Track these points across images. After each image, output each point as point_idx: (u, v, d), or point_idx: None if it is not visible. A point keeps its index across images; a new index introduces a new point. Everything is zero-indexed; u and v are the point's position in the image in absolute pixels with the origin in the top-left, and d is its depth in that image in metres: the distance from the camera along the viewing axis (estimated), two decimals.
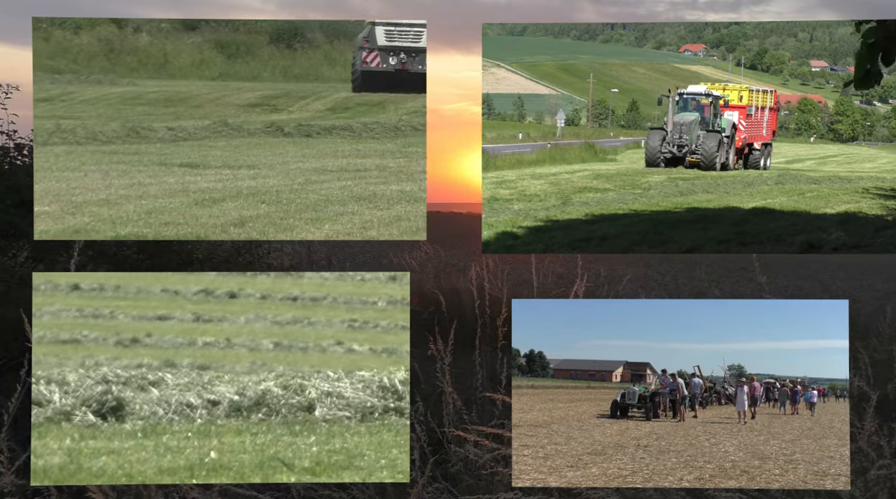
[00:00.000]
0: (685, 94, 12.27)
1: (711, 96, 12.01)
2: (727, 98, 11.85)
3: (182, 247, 9.99)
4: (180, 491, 4.54)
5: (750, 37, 14.62)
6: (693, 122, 11.51)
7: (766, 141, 11.68)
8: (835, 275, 18.44)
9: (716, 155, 11.18)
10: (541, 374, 4.97)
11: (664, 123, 11.67)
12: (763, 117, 11.89)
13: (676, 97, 12.38)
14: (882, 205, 7.63)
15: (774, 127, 12.14)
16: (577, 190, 8.60)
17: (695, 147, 11.21)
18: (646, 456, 4.54)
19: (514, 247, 6.39)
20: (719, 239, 6.53)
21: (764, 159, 11.62)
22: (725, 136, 11.53)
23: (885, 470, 4.52)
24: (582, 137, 12.95)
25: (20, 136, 9.63)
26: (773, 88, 12.05)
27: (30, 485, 4.38)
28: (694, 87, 12.35)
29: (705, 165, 10.98)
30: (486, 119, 12.34)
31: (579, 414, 5.44)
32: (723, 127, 11.67)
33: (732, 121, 11.63)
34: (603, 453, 4.61)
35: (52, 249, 8.79)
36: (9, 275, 8.64)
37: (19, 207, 8.54)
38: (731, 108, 11.85)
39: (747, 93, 11.81)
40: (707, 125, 11.67)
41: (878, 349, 7.44)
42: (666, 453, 4.63)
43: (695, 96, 12.13)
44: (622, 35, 16.53)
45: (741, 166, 11.48)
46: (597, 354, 4.82)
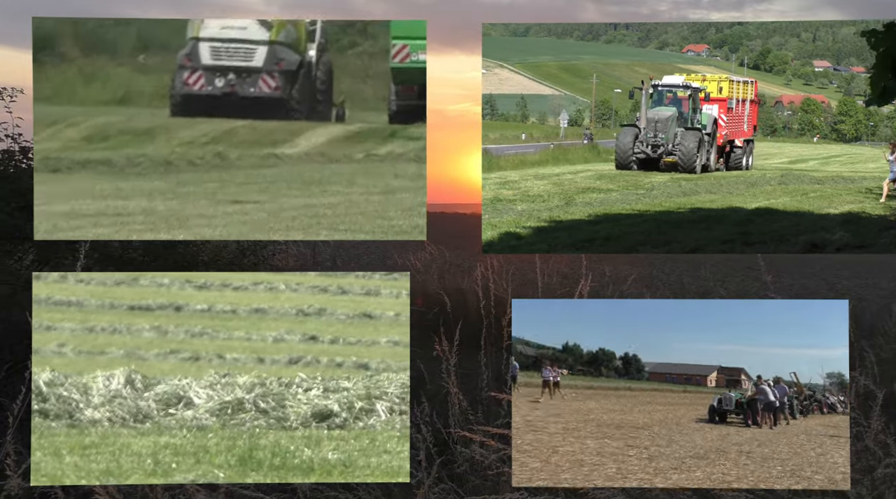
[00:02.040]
0: (660, 86, 11.14)
1: (690, 88, 10.93)
2: (707, 90, 10.92)
3: (187, 249, 10.01)
4: (186, 492, 4.55)
5: (753, 37, 14.60)
6: (669, 119, 10.46)
7: (747, 137, 10.93)
8: (839, 273, 18.40)
9: (695, 155, 10.08)
10: (636, 376, 4.98)
11: (636, 119, 10.69)
12: (744, 111, 11.04)
13: (650, 90, 11.23)
14: (885, 205, 7.63)
15: (755, 121, 11.31)
16: (580, 190, 8.59)
17: (672, 146, 10.16)
18: (750, 463, 4.51)
19: (517, 247, 6.39)
20: (723, 239, 6.53)
21: (746, 158, 10.71)
22: (706, 133, 10.48)
23: (892, 468, 4.52)
24: (584, 137, 12.84)
25: (25, 139, 9.66)
26: (754, 79, 11.49)
27: (31, 485, 4.39)
28: (670, 78, 11.22)
29: (684, 167, 9.98)
30: (490, 119, 12.34)
31: (678, 417, 5.41)
32: (703, 123, 10.62)
33: (713, 116, 10.65)
34: (706, 458, 4.59)
35: (57, 251, 8.82)
36: (14, 277, 8.67)
37: (24, 210, 8.56)
38: (710, 101, 10.91)
39: (727, 84, 10.94)
40: (685, 121, 10.63)
41: (884, 347, 7.44)
42: (770, 460, 4.58)
43: (671, 88, 11.03)
44: (625, 35, 16.52)
45: (723, 167, 10.59)
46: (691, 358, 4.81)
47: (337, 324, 6.90)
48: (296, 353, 6.11)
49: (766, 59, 14.55)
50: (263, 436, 4.67)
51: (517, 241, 6.33)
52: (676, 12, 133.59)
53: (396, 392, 4.96)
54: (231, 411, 4.90)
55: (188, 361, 5.91)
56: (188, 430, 4.74)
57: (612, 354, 4.77)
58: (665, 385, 5.42)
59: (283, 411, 4.90)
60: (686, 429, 5.19)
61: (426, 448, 4.82)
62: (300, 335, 6.59)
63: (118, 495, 4.32)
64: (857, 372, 5.44)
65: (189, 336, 6.51)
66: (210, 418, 4.85)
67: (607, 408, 5.38)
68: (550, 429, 4.84)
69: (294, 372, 5.42)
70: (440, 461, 4.85)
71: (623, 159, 10.13)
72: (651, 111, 10.73)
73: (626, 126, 10.67)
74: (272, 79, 8.66)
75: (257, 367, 5.81)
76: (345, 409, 4.90)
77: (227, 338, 6.54)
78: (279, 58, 8.76)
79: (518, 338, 4.83)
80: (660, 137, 10.25)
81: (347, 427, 4.81)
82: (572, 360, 5.05)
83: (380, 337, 6.25)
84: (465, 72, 35.69)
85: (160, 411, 4.91)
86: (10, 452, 4.53)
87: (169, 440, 4.62)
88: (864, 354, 6.12)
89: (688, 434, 5.06)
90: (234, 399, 4.95)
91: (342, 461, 4.44)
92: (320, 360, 5.96)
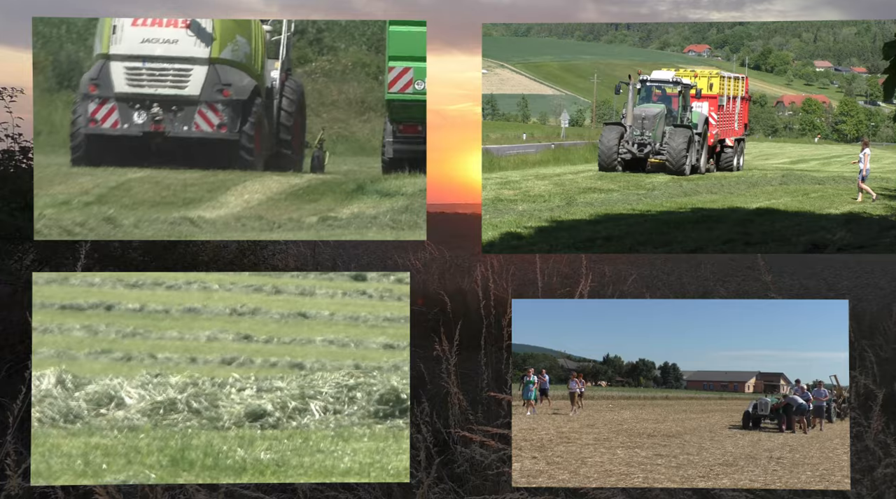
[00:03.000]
0: (649, 81, 10.62)
1: (680, 84, 10.41)
2: (698, 87, 10.43)
3: (187, 249, 10.01)
4: (186, 492, 4.54)
5: (754, 37, 14.59)
6: (658, 116, 9.98)
7: (738, 136, 10.50)
8: (840, 274, 18.39)
9: (685, 155, 9.50)
10: (674, 385, 4.96)
11: (622, 117, 10.21)
12: (735, 109, 10.60)
13: (638, 85, 10.75)
14: (886, 205, 7.63)
15: (746, 119, 10.89)
16: (581, 190, 8.59)
17: (659, 146, 9.64)
18: (778, 468, 4.48)
19: (518, 247, 6.39)
20: (724, 239, 6.52)
21: (737, 158, 10.26)
22: (696, 132, 9.93)
23: (892, 468, 4.51)
24: (586, 137, 12.84)
25: (25, 139, 9.66)
26: (744, 75, 11.00)
27: (31, 485, 4.39)
28: (659, 72, 10.71)
29: (672, 168, 9.43)
30: (490, 120, 12.33)
31: (711, 425, 5.37)
32: (693, 121, 10.14)
33: (704, 114, 10.17)
34: (734, 465, 4.55)
35: (58, 251, 8.82)
36: (14, 278, 8.67)
37: (24, 210, 8.56)
38: (700, 98, 10.41)
39: (718, 80, 10.44)
40: (675, 119, 10.19)
41: (884, 347, 7.43)
42: (800, 465, 4.54)
43: (660, 84, 10.52)
44: (626, 36, 16.52)
45: (713, 167, 10.09)
46: (729, 365, 4.79)
47: (271, 323, 6.80)
48: (229, 352, 6.00)
49: (768, 59, 14.54)
50: (196, 436, 4.62)
51: (518, 240, 6.33)
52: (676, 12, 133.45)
53: (331, 392, 4.94)
54: (163, 411, 4.82)
55: (120, 361, 5.80)
56: (119, 430, 4.68)
57: (651, 363, 4.75)
58: (702, 393, 5.42)
59: (216, 411, 4.83)
60: (718, 436, 5.15)
61: (426, 448, 4.81)
62: (234, 335, 6.45)
63: (118, 494, 4.31)
64: (857, 372, 5.43)
65: (120, 336, 6.37)
66: (142, 418, 4.79)
67: (641, 417, 5.39)
68: (583, 440, 4.86)
69: (227, 372, 5.36)
70: (440, 461, 4.84)
71: (607, 160, 9.55)
72: (638, 108, 10.18)
73: (610, 124, 10.06)
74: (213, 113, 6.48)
75: (190, 367, 5.74)
76: (278, 408, 4.86)
77: (160, 338, 6.40)
78: (224, 82, 6.55)
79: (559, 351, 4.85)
80: (646, 135, 9.71)
81: (280, 427, 4.79)
82: (612, 371, 5.04)
83: (315, 336, 6.16)
84: (465, 72, 35.70)
85: (91, 412, 4.83)
86: (10, 451, 4.53)
87: (100, 441, 4.56)
88: (865, 355, 6.12)
89: (719, 441, 5.02)
90: (166, 399, 4.88)
91: (275, 461, 4.41)
92: (254, 360, 5.88)
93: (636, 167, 9.46)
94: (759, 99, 13.41)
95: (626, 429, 5.03)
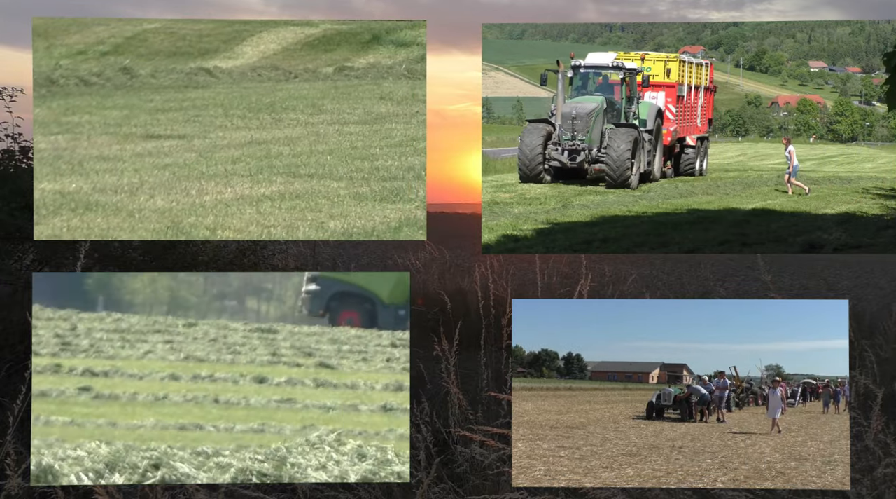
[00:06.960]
0: (583, 67, 8.26)
1: (624, 69, 8.00)
2: (647, 72, 8.19)
3: (187, 249, 10.02)
4: (186, 492, 4.55)
5: (748, 38, 14.62)
6: (593, 113, 7.66)
7: (701, 134, 8.54)
8: (840, 273, 18.45)
9: (629, 162, 7.28)
10: (578, 376, 4.99)
11: (550, 113, 8.01)
12: (697, 101, 8.67)
13: (570, 72, 8.36)
14: (882, 205, 7.66)
15: (711, 114, 9.07)
16: (577, 193, 8.59)
17: (597, 152, 7.41)
18: (680, 457, 4.55)
19: (515, 249, 6.40)
20: (720, 240, 6.55)
21: (699, 160, 8.27)
22: (646, 130, 7.71)
23: (892, 468, 4.54)
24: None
25: (25, 139, 9.66)
26: (709, 61, 9.02)
27: (31, 485, 4.39)
28: (596, 55, 8.32)
29: (614, 179, 7.31)
30: (486, 122, 12.35)
31: (615, 415, 5.43)
32: (642, 117, 7.97)
33: (657, 106, 8.01)
34: (638, 454, 4.62)
35: (58, 251, 8.82)
36: (14, 278, 8.67)
37: (25, 209, 8.56)
38: (653, 87, 8.11)
39: (677, 65, 8.28)
40: (617, 115, 7.91)
41: (884, 347, 7.46)
42: (701, 454, 4.62)
43: (599, 70, 8.16)
44: (620, 37, 16.54)
45: (671, 172, 8.03)
46: (633, 356, 4.82)
47: None
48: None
49: (762, 59, 14.57)
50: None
51: (515, 243, 6.34)
52: (676, 12, 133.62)
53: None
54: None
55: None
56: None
57: (554, 354, 4.76)
58: (606, 384, 5.44)
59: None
60: (622, 426, 5.25)
61: (426, 448, 4.83)
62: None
63: (118, 494, 4.32)
64: (857, 372, 5.47)
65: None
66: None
67: (544, 409, 5.38)
68: None
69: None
70: (440, 461, 4.86)
71: (528, 167, 7.32)
72: (568, 103, 7.83)
73: (535, 121, 7.81)
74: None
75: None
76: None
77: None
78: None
79: None
80: (579, 138, 7.46)
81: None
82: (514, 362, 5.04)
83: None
84: (464, 72, 35.69)
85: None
86: (10, 451, 4.54)
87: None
88: (864, 354, 6.15)
89: (623, 432, 5.12)
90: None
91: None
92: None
93: (568, 177, 7.44)
94: (753, 100, 13.43)
95: (527, 421, 5.06)
